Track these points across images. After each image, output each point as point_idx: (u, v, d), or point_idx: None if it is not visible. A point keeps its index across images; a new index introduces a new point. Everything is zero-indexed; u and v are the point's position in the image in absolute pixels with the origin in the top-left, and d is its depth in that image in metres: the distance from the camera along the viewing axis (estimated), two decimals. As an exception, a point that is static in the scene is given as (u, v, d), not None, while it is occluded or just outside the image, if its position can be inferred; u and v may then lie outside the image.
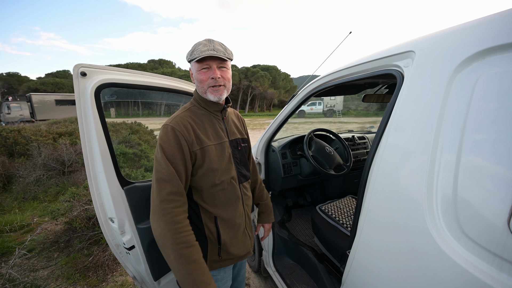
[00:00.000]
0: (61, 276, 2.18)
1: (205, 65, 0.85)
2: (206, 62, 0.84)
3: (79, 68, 0.97)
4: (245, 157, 1.08)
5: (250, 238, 1.08)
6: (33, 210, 3.61)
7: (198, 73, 0.87)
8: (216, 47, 0.84)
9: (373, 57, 0.96)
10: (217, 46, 0.85)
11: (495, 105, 0.56)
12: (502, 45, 0.56)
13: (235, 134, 1.03)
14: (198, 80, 0.88)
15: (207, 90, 0.88)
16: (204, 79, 0.86)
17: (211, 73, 0.86)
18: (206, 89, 0.88)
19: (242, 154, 1.05)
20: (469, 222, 0.58)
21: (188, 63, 0.92)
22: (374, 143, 0.86)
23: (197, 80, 0.88)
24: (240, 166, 1.03)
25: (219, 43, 0.87)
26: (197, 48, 0.84)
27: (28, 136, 5.13)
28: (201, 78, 0.86)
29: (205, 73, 0.86)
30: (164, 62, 43.89)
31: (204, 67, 0.85)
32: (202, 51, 0.82)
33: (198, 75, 0.87)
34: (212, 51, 0.82)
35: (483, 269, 0.55)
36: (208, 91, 0.88)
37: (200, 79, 0.87)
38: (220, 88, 0.88)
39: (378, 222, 0.82)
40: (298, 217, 2.38)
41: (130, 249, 1.15)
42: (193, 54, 0.84)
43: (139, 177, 3.10)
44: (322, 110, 21.28)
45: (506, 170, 0.53)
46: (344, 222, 1.49)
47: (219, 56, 0.83)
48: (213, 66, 0.85)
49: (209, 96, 0.89)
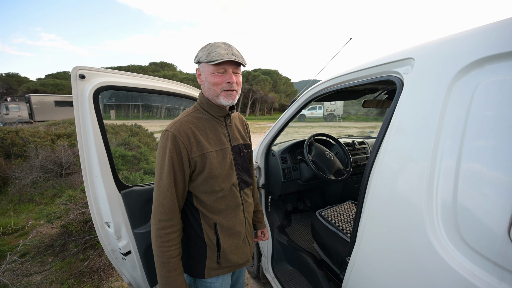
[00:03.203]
0: (55, 281, 2.14)
1: (221, 69, 0.84)
2: (223, 66, 0.83)
3: (78, 71, 0.96)
4: (247, 163, 1.06)
5: (250, 245, 1.06)
6: (28, 213, 3.56)
7: (212, 76, 0.84)
8: (235, 52, 0.84)
9: (373, 63, 0.97)
10: (235, 51, 0.84)
11: (493, 112, 0.56)
12: (501, 54, 0.56)
13: (237, 140, 1.02)
14: (212, 83, 0.85)
15: (220, 94, 0.87)
16: (219, 82, 0.85)
17: (227, 77, 0.85)
18: (219, 92, 0.86)
19: (244, 160, 1.04)
20: (469, 230, 0.58)
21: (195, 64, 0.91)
22: (374, 148, 0.85)
23: (210, 82, 0.85)
24: (242, 173, 1.02)
25: (235, 49, 0.86)
26: (215, 51, 0.81)
27: (26, 137, 5.10)
28: (216, 81, 0.85)
29: (221, 76, 0.85)
30: (166, 65, 44.16)
31: (220, 71, 0.84)
32: (221, 54, 0.80)
33: (212, 77, 0.84)
34: (232, 56, 0.81)
35: (484, 279, 0.55)
36: (221, 94, 0.87)
37: (215, 82, 0.85)
38: (233, 93, 0.88)
39: (378, 229, 0.81)
40: (298, 222, 2.37)
41: (126, 255, 1.13)
42: (210, 56, 0.81)
43: (138, 180, 3.08)
44: (323, 114, 21.36)
45: (505, 177, 0.52)
46: (344, 228, 1.48)
47: (238, 61, 0.83)
48: (229, 71, 0.85)
49: (222, 100, 0.88)
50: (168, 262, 0.83)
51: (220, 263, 0.95)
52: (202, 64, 0.86)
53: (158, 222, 0.83)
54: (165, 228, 0.83)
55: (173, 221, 0.84)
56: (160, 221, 0.83)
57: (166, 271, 0.83)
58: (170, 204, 0.84)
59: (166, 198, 0.83)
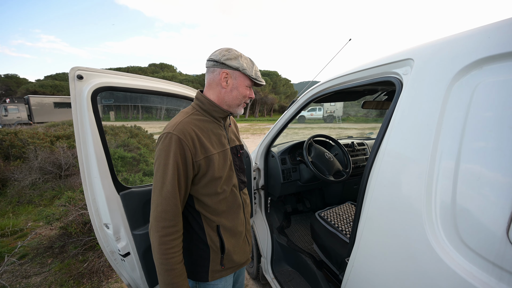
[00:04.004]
0: (55, 283, 2.13)
1: (250, 84, 0.94)
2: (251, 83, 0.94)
3: (76, 71, 0.96)
4: (243, 163, 1.08)
5: (249, 244, 1.08)
6: (27, 214, 3.55)
7: (245, 89, 0.93)
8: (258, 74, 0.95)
9: (372, 64, 0.97)
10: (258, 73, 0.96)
11: (493, 113, 0.56)
12: (500, 54, 0.56)
13: (234, 141, 1.04)
14: (244, 94, 0.93)
15: (240, 104, 0.95)
16: (248, 95, 0.95)
17: (251, 93, 0.96)
18: (242, 103, 0.95)
19: (241, 161, 1.05)
20: (467, 231, 0.58)
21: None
22: (373, 149, 0.85)
23: (242, 93, 0.92)
24: (240, 173, 1.03)
25: None
26: (256, 70, 0.93)
27: (24, 139, 5.09)
28: (247, 94, 0.94)
29: (250, 90, 0.95)
30: (165, 66, 44.17)
31: (250, 86, 0.94)
32: (258, 76, 0.93)
33: (246, 90, 0.93)
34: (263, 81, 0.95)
35: (482, 279, 0.55)
36: (241, 105, 0.96)
37: (245, 94, 0.93)
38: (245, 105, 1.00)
39: (377, 230, 0.81)
40: (297, 223, 2.36)
41: (125, 256, 1.13)
42: (254, 73, 0.91)
43: (137, 181, 3.07)
44: (322, 115, 21.39)
45: (504, 178, 0.52)
46: (343, 229, 1.48)
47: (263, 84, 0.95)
48: (251, 87, 0.96)
49: (239, 110, 0.97)
50: (173, 268, 0.80)
51: (224, 264, 0.95)
52: (239, 73, 0.90)
53: (161, 229, 0.79)
54: (170, 235, 0.80)
55: (177, 227, 0.82)
56: (164, 228, 0.79)
57: (171, 278, 0.80)
58: (175, 210, 0.81)
59: (170, 204, 0.80)
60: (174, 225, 0.81)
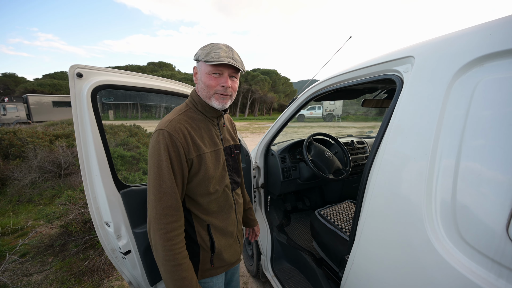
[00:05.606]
0: (56, 281, 2.14)
1: (218, 71, 0.82)
2: (220, 68, 0.82)
3: (75, 69, 0.95)
4: (237, 163, 1.07)
5: (240, 244, 1.08)
6: (27, 213, 3.55)
7: (208, 77, 0.83)
8: (235, 56, 0.83)
9: (372, 62, 0.97)
10: (235, 56, 0.83)
11: (493, 110, 0.56)
12: (501, 51, 0.56)
13: (228, 141, 1.02)
14: (206, 84, 0.83)
15: (212, 96, 0.85)
16: (213, 84, 0.83)
17: (222, 80, 0.83)
18: (212, 94, 0.85)
19: (235, 161, 1.04)
20: (467, 228, 0.58)
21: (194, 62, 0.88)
22: (373, 148, 0.85)
23: (204, 83, 0.84)
24: (233, 173, 1.02)
25: (237, 53, 0.85)
26: (215, 52, 0.80)
27: (24, 138, 5.08)
28: (211, 83, 0.83)
29: (216, 79, 0.83)
30: (164, 65, 44.02)
31: (217, 72, 0.82)
32: (220, 56, 0.79)
33: (207, 78, 0.83)
34: (231, 60, 0.80)
35: (482, 275, 0.55)
36: (214, 97, 0.85)
37: (209, 83, 0.83)
38: (227, 97, 0.87)
39: (377, 227, 0.81)
40: (297, 221, 2.37)
41: (126, 254, 1.13)
42: (209, 56, 0.79)
43: (137, 180, 3.07)
44: (322, 114, 21.35)
45: (504, 176, 0.53)
46: (343, 227, 1.48)
47: (237, 66, 0.81)
48: (225, 74, 0.83)
49: (213, 103, 0.86)
50: (181, 263, 0.78)
51: (214, 263, 0.95)
52: (200, 63, 0.84)
53: (164, 226, 0.77)
54: (174, 230, 0.78)
55: (180, 221, 0.81)
56: (168, 223, 0.77)
57: (180, 273, 0.78)
58: (176, 205, 0.80)
59: (172, 199, 0.78)
60: (177, 220, 0.80)
